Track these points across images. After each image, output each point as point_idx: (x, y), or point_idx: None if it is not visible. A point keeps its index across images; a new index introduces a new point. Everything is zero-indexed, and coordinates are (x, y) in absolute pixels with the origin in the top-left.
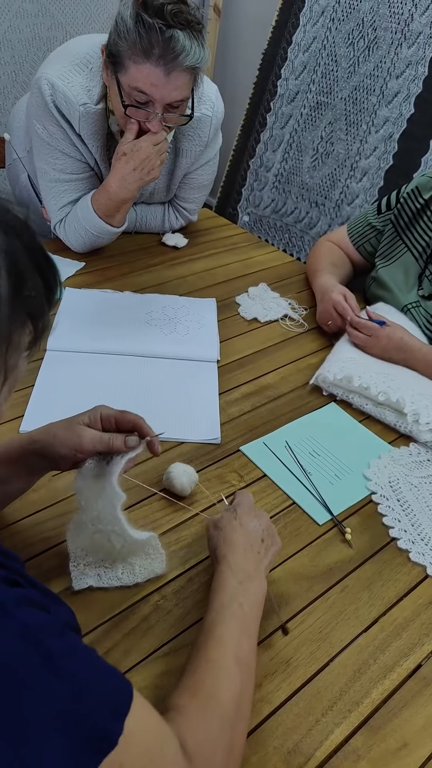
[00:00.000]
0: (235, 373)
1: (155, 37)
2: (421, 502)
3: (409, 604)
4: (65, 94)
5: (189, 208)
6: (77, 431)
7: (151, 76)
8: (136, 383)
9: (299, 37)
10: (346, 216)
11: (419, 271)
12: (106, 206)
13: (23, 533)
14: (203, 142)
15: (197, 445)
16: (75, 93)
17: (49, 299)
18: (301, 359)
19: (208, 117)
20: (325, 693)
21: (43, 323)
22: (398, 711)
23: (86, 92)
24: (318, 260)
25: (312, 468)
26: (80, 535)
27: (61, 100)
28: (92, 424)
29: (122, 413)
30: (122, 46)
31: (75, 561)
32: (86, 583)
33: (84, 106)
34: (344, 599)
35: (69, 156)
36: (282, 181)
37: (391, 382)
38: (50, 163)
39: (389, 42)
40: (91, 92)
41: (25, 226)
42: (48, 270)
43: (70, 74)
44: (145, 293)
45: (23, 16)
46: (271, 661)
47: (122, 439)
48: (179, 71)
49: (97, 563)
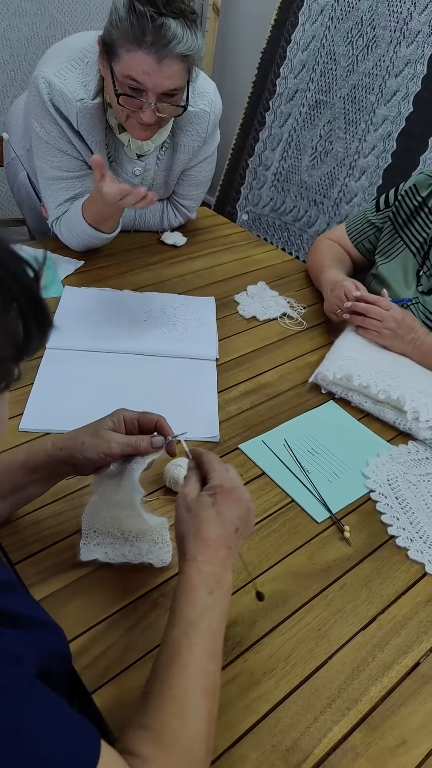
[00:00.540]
0: (234, 371)
1: (147, 25)
2: (420, 500)
3: (407, 602)
4: (62, 92)
5: (188, 205)
6: (105, 437)
7: (143, 63)
8: (134, 381)
9: (298, 35)
10: (344, 214)
11: (417, 268)
12: (96, 215)
13: (22, 532)
14: (201, 137)
15: (196, 443)
16: (71, 89)
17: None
18: (300, 357)
19: (206, 112)
20: (324, 691)
21: (13, 368)
22: (397, 709)
23: (83, 87)
24: (322, 257)
25: (311, 466)
26: (95, 518)
27: (58, 97)
28: (117, 428)
29: (143, 414)
30: (115, 34)
31: (86, 540)
32: (93, 556)
33: (81, 102)
34: (343, 597)
35: (66, 154)
36: (281, 180)
37: (391, 380)
38: (48, 161)
39: (388, 41)
40: (87, 86)
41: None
42: (30, 309)
43: (65, 71)
44: (144, 292)
45: (22, 14)
46: (269, 659)
47: (148, 441)
48: (171, 59)
49: (105, 544)
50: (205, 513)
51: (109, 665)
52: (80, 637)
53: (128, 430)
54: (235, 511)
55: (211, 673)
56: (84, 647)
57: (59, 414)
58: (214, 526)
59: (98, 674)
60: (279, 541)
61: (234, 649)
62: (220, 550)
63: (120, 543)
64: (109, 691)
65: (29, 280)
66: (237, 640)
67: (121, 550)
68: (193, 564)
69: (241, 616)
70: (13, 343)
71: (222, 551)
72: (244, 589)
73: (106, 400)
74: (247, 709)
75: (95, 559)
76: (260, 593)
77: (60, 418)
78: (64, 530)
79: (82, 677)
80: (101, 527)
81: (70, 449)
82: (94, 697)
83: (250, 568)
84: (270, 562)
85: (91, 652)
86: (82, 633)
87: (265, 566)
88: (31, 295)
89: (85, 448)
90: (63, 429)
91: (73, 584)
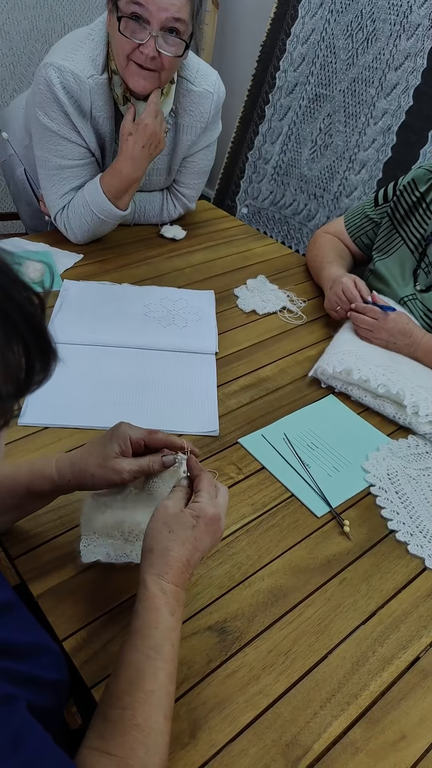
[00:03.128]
0: (234, 365)
1: None
2: (420, 494)
3: (407, 596)
4: (73, 72)
5: (188, 194)
6: (115, 467)
7: None
8: (134, 375)
9: (298, 29)
10: (344, 208)
11: (414, 266)
12: (116, 188)
13: (20, 526)
14: (204, 119)
15: (195, 437)
16: (81, 68)
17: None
18: (300, 351)
19: (210, 93)
20: (324, 685)
21: (13, 405)
22: (396, 703)
23: (92, 62)
24: (323, 252)
25: (310, 460)
26: (93, 519)
27: (70, 79)
28: (124, 452)
29: (150, 434)
30: None
31: (86, 542)
32: (95, 558)
33: (92, 78)
34: (342, 591)
35: (71, 142)
36: (280, 173)
37: (391, 375)
38: (52, 150)
39: (388, 34)
40: (95, 61)
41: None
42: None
43: (73, 53)
44: (143, 285)
45: (21, 8)
46: (269, 653)
47: (160, 462)
48: None
49: (107, 545)
50: (182, 534)
51: (109, 660)
52: (79, 632)
53: (134, 452)
54: (209, 541)
55: (172, 696)
56: (83, 642)
57: (58, 408)
58: (185, 550)
59: (97, 669)
60: (279, 535)
61: (234, 644)
62: (185, 574)
63: (121, 543)
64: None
65: (34, 310)
66: (237, 634)
67: (123, 550)
68: (157, 581)
69: (241, 611)
70: (15, 380)
71: (186, 574)
72: (244, 583)
73: (105, 394)
74: (246, 703)
75: (97, 560)
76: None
77: (59, 413)
78: (63, 525)
79: (81, 672)
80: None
81: (78, 480)
82: (93, 692)
83: (212, 623)
84: (270, 557)
85: (91, 647)
86: (81, 628)
87: (265, 561)
88: (36, 329)
89: (96, 481)
90: (62, 424)
91: (72, 579)
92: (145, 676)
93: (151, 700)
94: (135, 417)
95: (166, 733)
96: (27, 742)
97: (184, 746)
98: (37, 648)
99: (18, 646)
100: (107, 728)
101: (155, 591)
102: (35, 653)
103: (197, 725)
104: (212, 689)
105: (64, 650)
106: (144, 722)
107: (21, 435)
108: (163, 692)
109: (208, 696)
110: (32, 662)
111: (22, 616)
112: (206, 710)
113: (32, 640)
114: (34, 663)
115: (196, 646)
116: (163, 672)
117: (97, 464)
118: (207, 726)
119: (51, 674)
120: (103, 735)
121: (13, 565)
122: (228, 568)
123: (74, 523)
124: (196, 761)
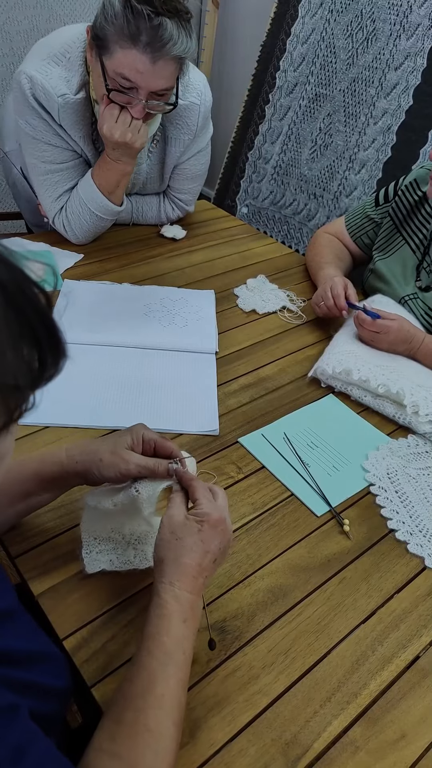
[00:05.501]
0: (234, 364)
1: (143, 24)
2: (419, 493)
3: (407, 596)
4: (43, 86)
5: (184, 199)
6: (125, 456)
7: (137, 62)
8: (134, 375)
9: (298, 28)
10: (344, 208)
11: (417, 263)
12: (108, 181)
13: (21, 525)
14: (192, 130)
15: (195, 436)
16: (53, 85)
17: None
18: (300, 351)
19: (196, 105)
20: (323, 684)
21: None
22: (396, 702)
23: (65, 83)
24: (321, 253)
25: (310, 460)
26: (93, 525)
27: (40, 92)
28: (135, 446)
29: (164, 441)
30: (109, 30)
31: (87, 549)
32: (99, 567)
33: (63, 98)
34: (342, 591)
35: (55, 146)
36: (280, 173)
37: (390, 374)
38: (38, 156)
39: (388, 34)
40: (70, 83)
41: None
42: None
43: (47, 67)
44: (143, 285)
45: (21, 7)
46: (269, 653)
47: (166, 467)
48: (166, 60)
49: (109, 551)
50: (190, 540)
51: (109, 659)
52: (79, 631)
53: (144, 451)
54: (218, 543)
55: (183, 704)
56: (83, 641)
57: (58, 408)
58: (195, 554)
59: (97, 668)
60: (278, 534)
61: (233, 643)
62: (198, 579)
63: (123, 548)
64: (108, 685)
65: (43, 306)
66: (236, 634)
67: (125, 557)
68: (170, 589)
69: (241, 610)
70: (29, 373)
71: (199, 580)
72: (244, 582)
73: (105, 393)
74: (246, 702)
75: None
76: (212, 642)
77: (59, 412)
78: (64, 523)
79: (82, 671)
80: (102, 534)
81: (86, 464)
82: (93, 691)
83: (212, 622)
84: (269, 556)
85: (91, 645)
86: (82, 627)
87: (265, 560)
88: (48, 324)
89: (103, 465)
90: (61, 423)
91: (73, 578)
92: (157, 680)
93: (162, 705)
94: (135, 416)
95: (175, 739)
96: (30, 751)
97: (184, 745)
98: (38, 655)
99: (19, 653)
100: (119, 730)
101: (167, 599)
102: (36, 661)
103: (197, 724)
104: (212, 688)
105: (66, 652)
106: (155, 727)
107: (21, 434)
108: (174, 698)
109: (207, 695)
110: (33, 669)
111: (23, 623)
112: (206, 709)
113: (33, 648)
114: (35, 670)
115: (195, 645)
116: (174, 679)
117: (108, 450)
118: (206, 725)
119: (53, 681)
120: (114, 737)
121: (13, 564)
122: (228, 568)
123: (75, 522)
124: (196, 760)
